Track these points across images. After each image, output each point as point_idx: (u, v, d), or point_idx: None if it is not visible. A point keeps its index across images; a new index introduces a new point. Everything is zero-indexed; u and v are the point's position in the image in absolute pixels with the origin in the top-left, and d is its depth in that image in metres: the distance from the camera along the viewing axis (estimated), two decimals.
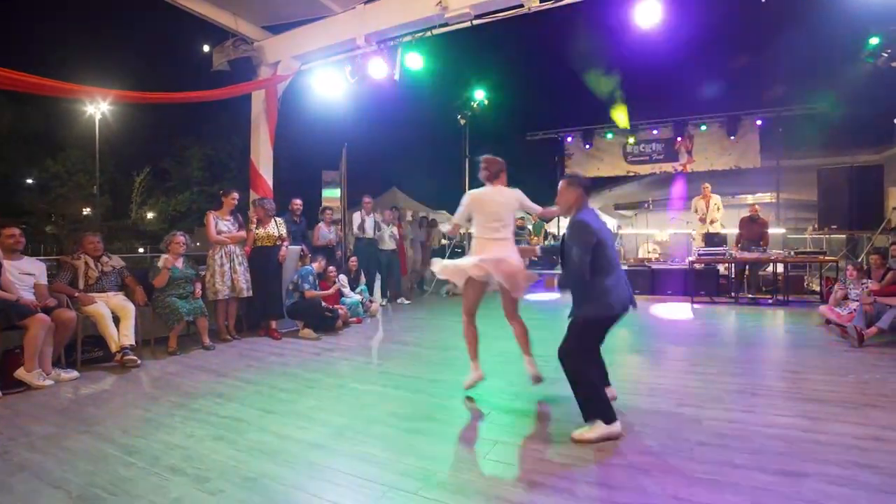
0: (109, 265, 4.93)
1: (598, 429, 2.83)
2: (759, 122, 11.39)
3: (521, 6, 5.65)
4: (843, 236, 8.79)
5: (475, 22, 6.09)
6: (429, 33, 6.59)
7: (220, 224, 5.57)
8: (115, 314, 4.63)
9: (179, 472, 2.46)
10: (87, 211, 26.85)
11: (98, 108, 22.22)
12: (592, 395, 2.94)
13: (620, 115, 11.90)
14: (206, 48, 7.73)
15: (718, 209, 9.85)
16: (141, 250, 26.19)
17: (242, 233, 5.72)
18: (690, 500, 2.17)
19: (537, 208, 3.87)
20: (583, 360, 3.00)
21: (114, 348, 4.48)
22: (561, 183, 3.18)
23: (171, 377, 4.21)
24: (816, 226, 8.66)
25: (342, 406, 3.46)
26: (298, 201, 7.13)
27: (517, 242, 3.75)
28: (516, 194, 3.73)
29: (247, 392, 3.77)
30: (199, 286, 5.33)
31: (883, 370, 4.16)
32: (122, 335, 4.54)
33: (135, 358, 4.46)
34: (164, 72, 26.23)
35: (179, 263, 5.20)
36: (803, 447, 2.68)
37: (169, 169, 29.19)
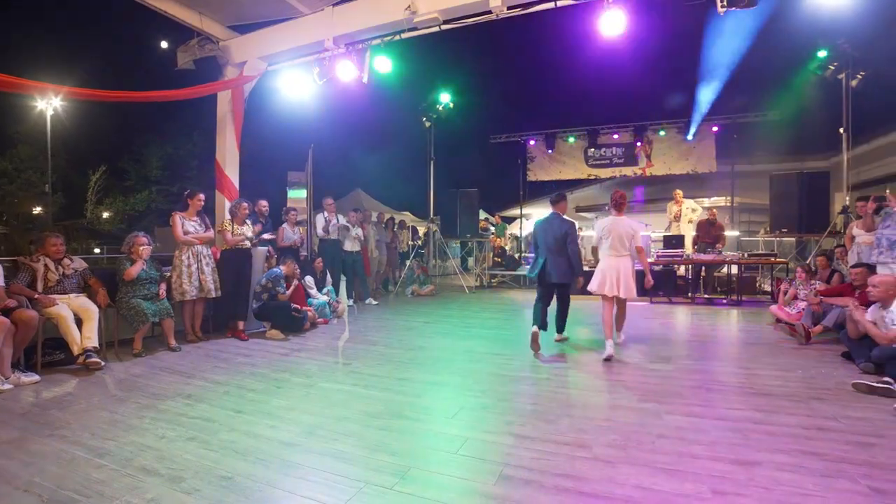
0: (71, 268, 4.77)
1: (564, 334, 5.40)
2: (715, 129, 11.89)
3: (490, 13, 5.77)
4: (793, 239, 9.29)
5: (444, 27, 6.18)
6: (397, 37, 6.61)
7: (187, 225, 5.46)
8: (78, 316, 4.49)
9: (153, 473, 2.44)
10: (37, 210, 25.52)
11: (49, 103, 21.17)
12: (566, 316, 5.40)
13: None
14: (164, 45, 7.53)
15: (694, 211, 10.24)
16: (97, 251, 25.09)
17: (210, 233, 5.63)
18: (652, 488, 2.30)
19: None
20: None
21: (76, 351, 4.35)
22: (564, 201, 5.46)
23: (137, 379, 4.12)
24: (769, 229, 9.12)
25: (312, 405, 3.48)
26: (265, 203, 7.06)
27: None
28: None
29: (215, 393, 3.74)
30: (163, 287, 5.22)
31: (827, 365, 4.46)
32: (85, 337, 4.41)
33: (98, 360, 4.34)
34: (125, 69, 25.26)
35: (144, 264, 5.08)
36: (755, 438, 2.86)
37: (127, 167, 28.13)
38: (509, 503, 2.19)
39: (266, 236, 6.65)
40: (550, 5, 5.63)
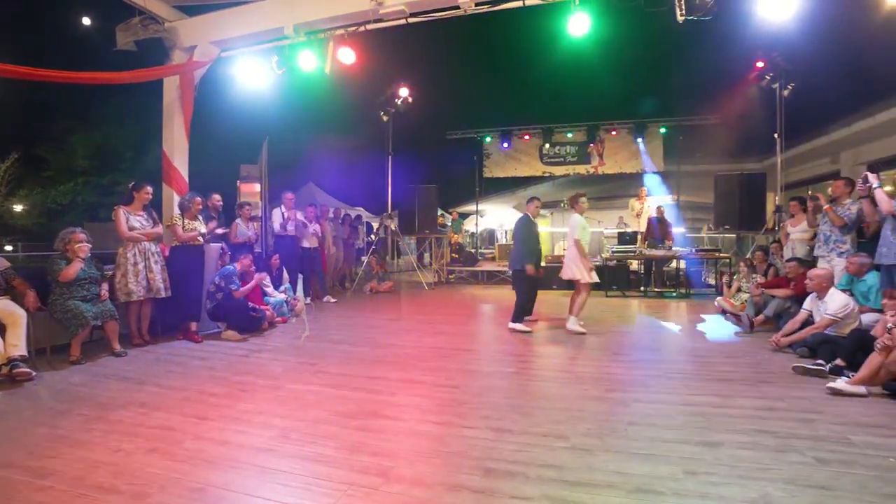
0: None
1: (518, 325, 5.81)
2: (662, 130, 12.47)
3: (458, 7, 5.72)
4: (734, 236, 9.88)
5: (410, 20, 6.06)
6: (362, 28, 6.41)
7: (132, 220, 5.07)
8: (0, 322, 4.04)
9: (112, 491, 2.24)
10: None
11: None
12: (522, 306, 5.91)
13: None
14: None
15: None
16: (9, 248, 22.71)
17: (158, 229, 5.27)
18: (630, 473, 2.39)
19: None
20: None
21: None
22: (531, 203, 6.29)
23: (79, 389, 3.78)
24: (712, 226, 9.64)
25: (282, 407, 3.33)
26: (218, 196, 6.66)
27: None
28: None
29: (173, 399, 3.50)
30: (105, 288, 4.81)
31: (770, 351, 4.79)
32: (10, 345, 3.95)
33: (27, 370, 3.90)
34: (48, 44, 22.83)
35: (83, 263, 4.66)
36: (717, 420, 3.05)
37: (46, 156, 25.67)
38: (497, 496, 2.19)
39: (218, 231, 6.32)
40: (518, 4, 5.65)
